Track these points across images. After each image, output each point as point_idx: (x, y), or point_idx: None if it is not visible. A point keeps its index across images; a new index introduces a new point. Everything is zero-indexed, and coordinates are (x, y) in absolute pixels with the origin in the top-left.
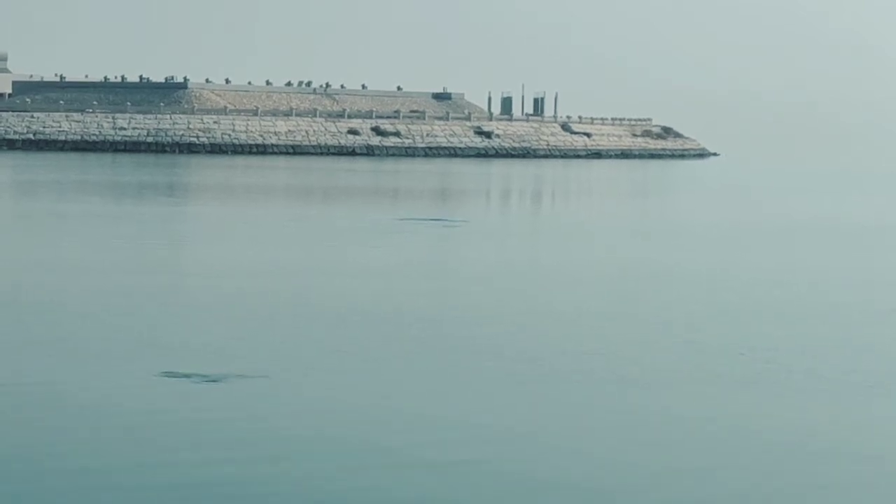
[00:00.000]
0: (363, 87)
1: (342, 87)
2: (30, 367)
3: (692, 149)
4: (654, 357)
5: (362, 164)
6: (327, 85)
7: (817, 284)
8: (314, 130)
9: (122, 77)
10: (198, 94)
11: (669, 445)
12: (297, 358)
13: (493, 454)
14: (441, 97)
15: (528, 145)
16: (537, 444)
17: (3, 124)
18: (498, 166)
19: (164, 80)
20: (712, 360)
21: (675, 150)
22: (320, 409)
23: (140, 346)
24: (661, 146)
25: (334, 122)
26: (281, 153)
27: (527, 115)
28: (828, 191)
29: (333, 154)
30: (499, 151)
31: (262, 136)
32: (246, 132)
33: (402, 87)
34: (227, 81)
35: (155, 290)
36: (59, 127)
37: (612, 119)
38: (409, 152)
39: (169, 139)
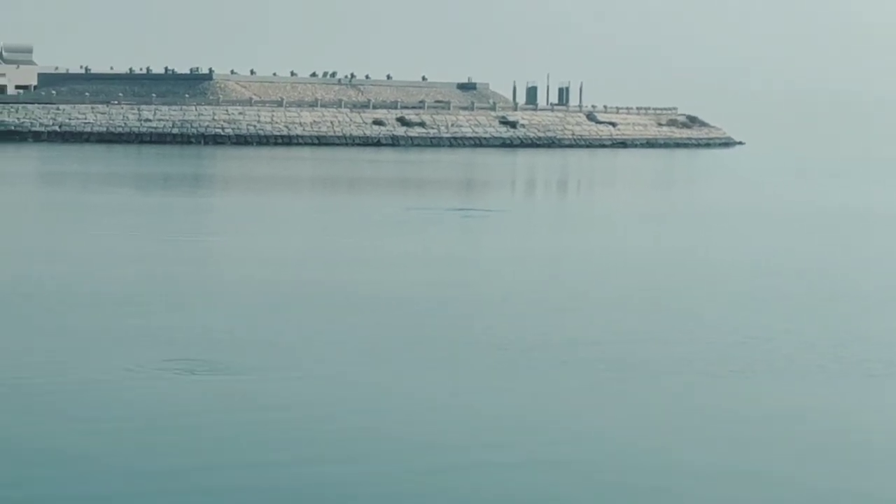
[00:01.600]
0: (388, 77)
1: (367, 77)
2: (57, 355)
3: (717, 138)
4: (674, 346)
5: (387, 154)
6: (352, 75)
7: (841, 272)
8: (339, 121)
9: (148, 69)
10: (223, 86)
11: (688, 435)
12: (326, 351)
13: (516, 443)
14: (466, 87)
15: (554, 135)
16: (561, 432)
17: (28, 116)
18: (523, 156)
19: (189, 72)
20: (736, 349)
21: (701, 139)
22: (346, 401)
23: (164, 337)
24: (686, 135)
25: (359, 113)
26: (306, 144)
27: (552, 104)
28: (853, 179)
29: (358, 145)
30: (524, 141)
31: (287, 127)
32: (271, 123)
33: (426, 77)
34: (252, 72)
35: (180, 280)
36: (85, 119)
37: (638, 108)
38: (434, 142)
39: (194, 130)
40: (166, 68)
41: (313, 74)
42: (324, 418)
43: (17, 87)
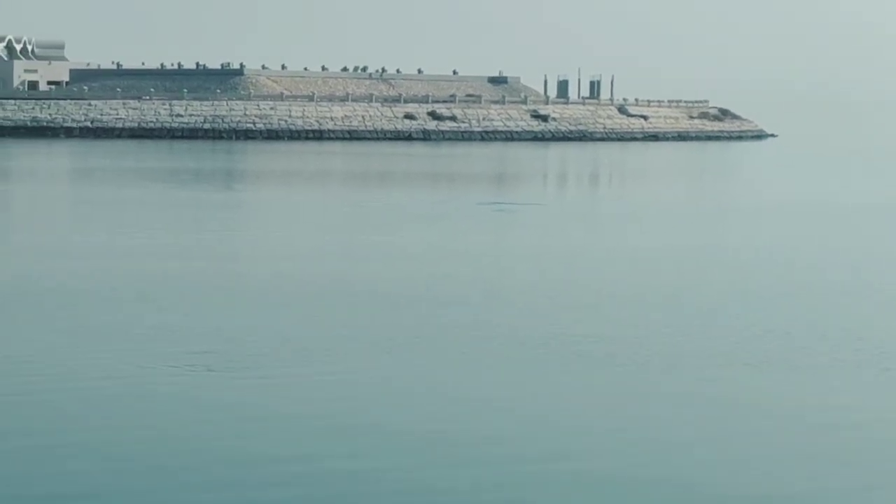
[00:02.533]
0: (419, 71)
1: (398, 71)
2: (80, 351)
3: (749, 130)
4: (693, 341)
5: (419, 148)
6: (383, 70)
7: (863, 266)
8: (370, 115)
9: (179, 64)
10: (254, 81)
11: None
12: (349, 348)
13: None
14: (497, 81)
15: (585, 128)
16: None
17: (61, 112)
18: (555, 150)
19: (220, 67)
20: (754, 344)
21: (733, 131)
22: (367, 399)
23: (184, 334)
24: (718, 128)
25: (390, 107)
26: (337, 139)
27: (583, 98)
28: (885, 173)
29: (390, 139)
30: (555, 135)
31: (318, 121)
32: (302, 118)
33: (457, 71)
34: (284, 67)
35: (205, 276)
36: (117, 114)
37: (669, 101)
38: (466, 136)
39: (226, 125)
40: (197, 63)
41: (344, 69)
42: (345, 417)
43: (49, 83)
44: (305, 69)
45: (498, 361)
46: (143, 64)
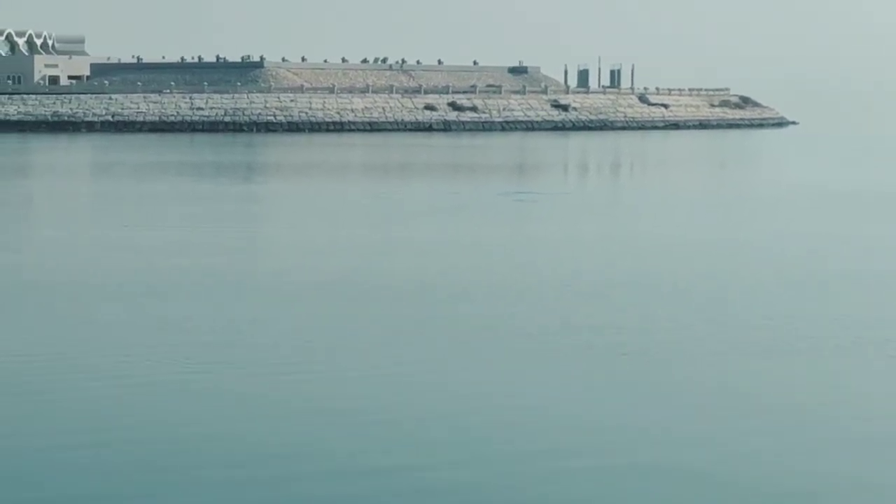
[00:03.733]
0: (439, 62)
1: (418, 62)
2: (90, 346)
3: (771, 118)
4: (700, 331)
5: (439, 139)
6: (403, 61)
7: (873, 255)
8: (391, 107)
9: (199, 57)
10: (274, 73)
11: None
12: (362, 343)
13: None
14: (517, 71)
15: (606, 117)
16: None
17: (82, 106)
18: (576, 139)
19: (240, 60)
20: (763, 333)
21: (754, 119)
22: (381, 396)
23: (193, 328)
24: (739, 116)
25: (411, 98)
26: (358, 130)
27: (603, 87)
28: None
29: (410, 130)
30: (576, 124)
31: (338, 113)
32: (323, 110)
33: (477, 61)
34: (304, 59)
35: (232, 270)
36: (137, 108)
37: (690, 90)
38: (486, 127)
39: (246, 118)
40: (217, 56)
41: (364, 60)
42: (358, 412)
43: (70, 77)
44: (325, 61)
45: (518, 355)
46: (163, 58)
